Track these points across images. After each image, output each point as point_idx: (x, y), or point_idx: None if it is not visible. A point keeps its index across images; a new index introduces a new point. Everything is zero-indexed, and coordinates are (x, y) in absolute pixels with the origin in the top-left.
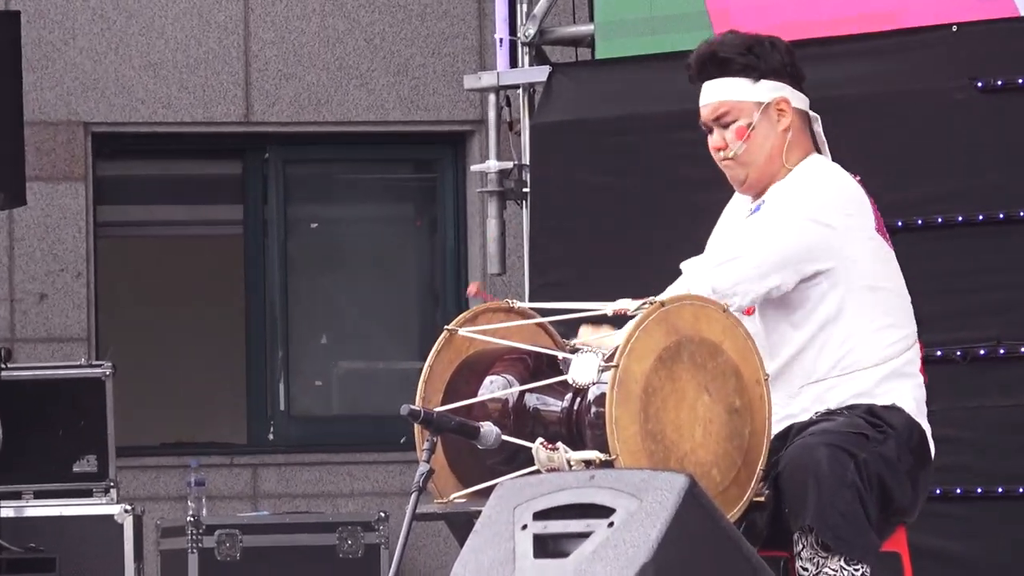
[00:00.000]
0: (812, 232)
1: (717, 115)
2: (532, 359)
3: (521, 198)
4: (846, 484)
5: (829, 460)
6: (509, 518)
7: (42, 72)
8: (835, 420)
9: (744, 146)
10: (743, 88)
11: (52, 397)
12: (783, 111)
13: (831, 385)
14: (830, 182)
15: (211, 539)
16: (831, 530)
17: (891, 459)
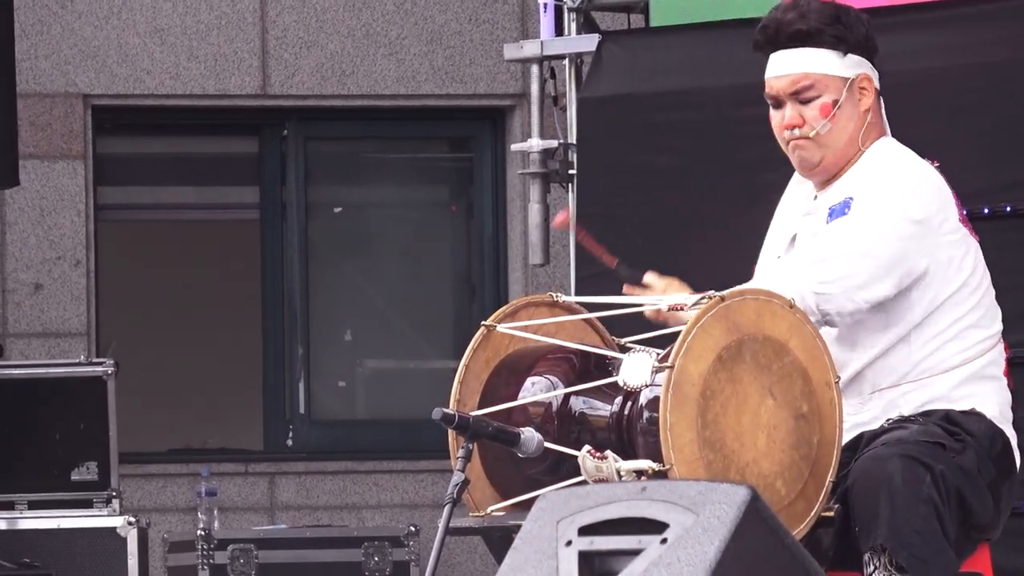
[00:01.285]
0: (912, 234)
1: (797, 88)
2: (578, 359)
3: (566, 180)
4: (922, 499)
5: (903, 473)
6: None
7: (37, 39)
8: (909, 428)
9: (829, 125)
10: (831, 61)
11: (48, 398)
12: (865, 89)
13: (906, 390)
14: (915, 172)
15: (223, 555)
16: (906, 549)
17: (971, 470)
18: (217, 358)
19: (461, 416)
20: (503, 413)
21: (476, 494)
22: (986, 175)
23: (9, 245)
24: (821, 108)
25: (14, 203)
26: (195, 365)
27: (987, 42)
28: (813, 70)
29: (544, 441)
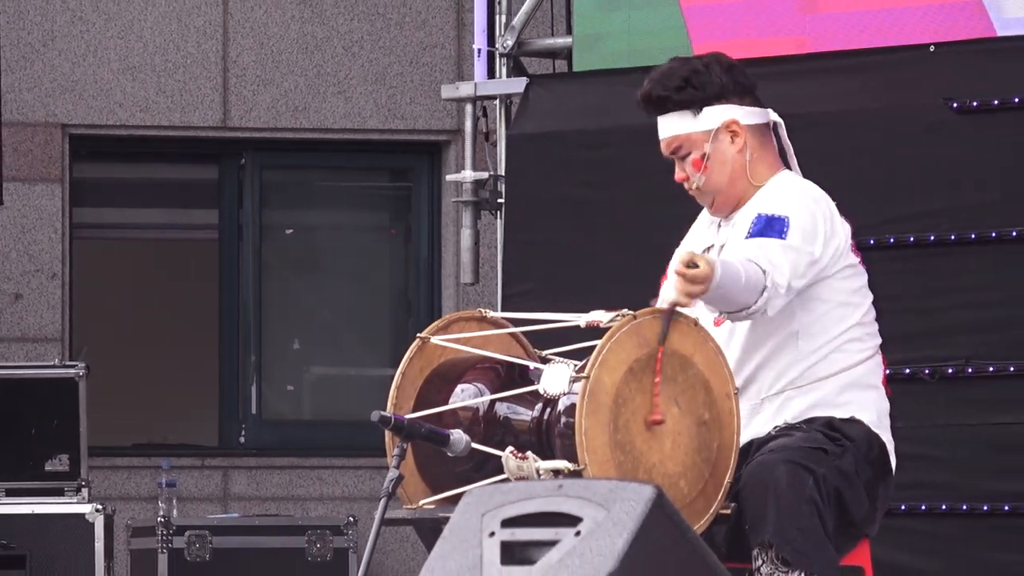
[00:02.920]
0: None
1: (672, 149)
2: (504, 368)
3: (495, 209)
4: (805, 500)
5: (788, 476)
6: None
7: (21, 73)
8: (793, 435)
9: (704, 177)
10: (687, 122)
11: (25, 397)
12: (735, 132)
13: (792, 396)
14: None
15: (181, 540)
16: (790, 545)
17: (849, 473)
18: (178, 363)
19: (397, 418)
20: (435, 416)
21: (409, 489)
22: (872, 209)
23: None
24: (693, 163)
25: None
26: (158, 369)
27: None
28: (676, 132)
29: (471, 442)
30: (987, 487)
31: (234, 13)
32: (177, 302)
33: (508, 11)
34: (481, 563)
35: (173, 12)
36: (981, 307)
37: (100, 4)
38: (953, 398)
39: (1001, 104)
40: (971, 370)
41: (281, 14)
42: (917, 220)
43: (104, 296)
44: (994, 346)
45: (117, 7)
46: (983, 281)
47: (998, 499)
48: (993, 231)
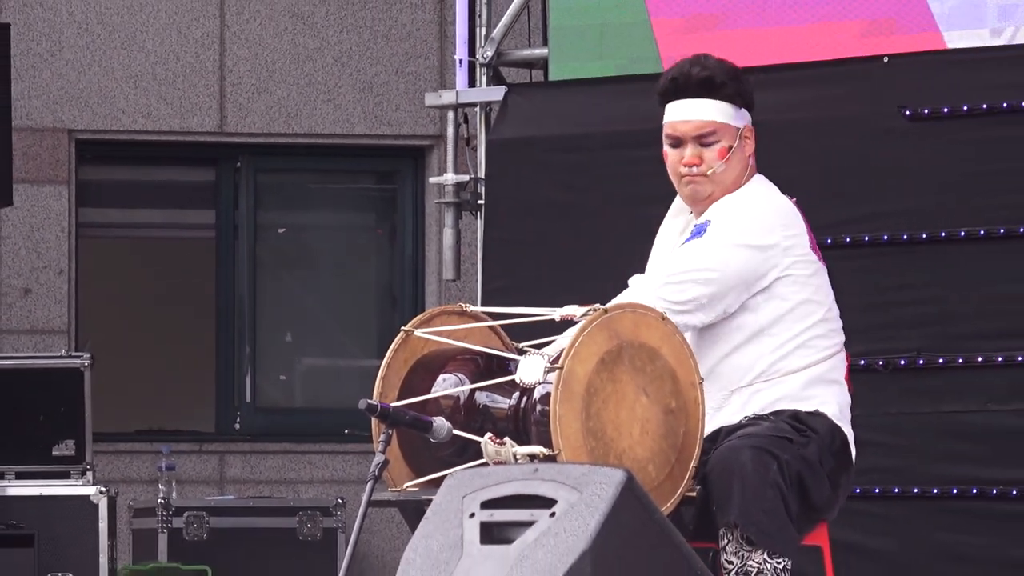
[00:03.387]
0: (753, 256)
1: (701, 133)
2: (483, 359)
3: (476, 209)
4: (769, 484)
5: (754, 461)
6: (458, 507)
7: (30, 82)
8: (761, 425)
9: (724, 166)
10: (730, 112)
11: (34, 385)
12: (748, 138)
13: (759, 388)
14: (769, 205)
15: (180, 520)
16: (755, 525)
17: (812, 461)
18: (177, 354)
19: (383, 406)
20: (418, 405)
21: (394, 472)
22: (829, 210)
23: (3, 255)
24: (719, 151)
25: (8, 220)
26: (158, 359)
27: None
28: (716, 118)
29: (452, 429)
30: (936, 472)
31: (230, 25)
32: (176, 297)
33: (488, 23)
34: (462, 542)
35: (173, 24)
36: (931, 303)
37: (104, 16)
38: (905, 388)
39: (951, 112)
40: (922, 362)
41: (275, 26)
42: (871, 221)
43: (108, 291)
44: (943, 339)
45: (120, 19)
46: (933, 278)
47: (947, 483)
48: (943, 231)
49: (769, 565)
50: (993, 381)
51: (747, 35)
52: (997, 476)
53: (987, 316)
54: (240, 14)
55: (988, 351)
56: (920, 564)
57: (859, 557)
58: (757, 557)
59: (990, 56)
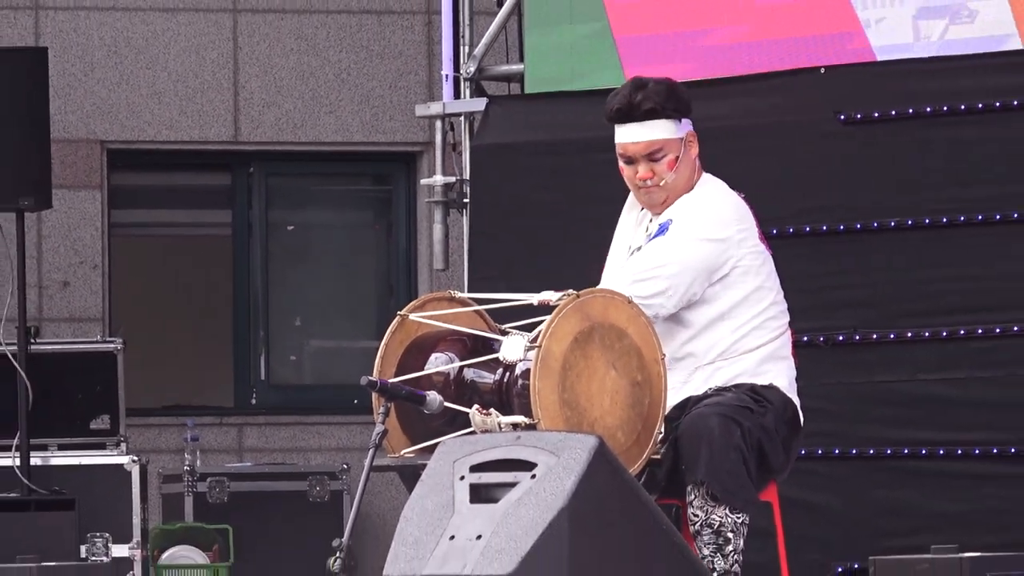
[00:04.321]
0: (712, 248)
1: (650, 151)
2: (470, 340)
3: (461, 208)
4: (732, 447)
5: (720, 427)
6: (450, 470)
7: (66, 99)
8: (725, 396)
9: (674, 175)
10: (671, 128)
11: (73, 368)
12: (692, 143)
13: (720, 366)
14: (724, 202)
15: (204, 485)
16: (719, 484)
17: (770, 428)
18: (199, 337)
19: (382, 382)
20: (413, 380)
21: (393, 441)
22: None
23: (45, 252)
24: (668, 163)
25: (48, 221)
26: (183, 343)
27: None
28: (661, 136)
29: (444, 402)
30: (872, 434)
31: (243, 47)
32: (198, 288)
33: (470, 43)
34: (454, 502)
35: (192, 46)
36: (866, 286)
37: (131, 40)
38: (843, 361)
39: (880, 116)
40: (858, 338)
41: (282, 47)
42: (812, 214)
43: (137, 283)
44: (876, 318)
45: (145, 43)
46: (867, 263)
47: (881, 444)
48: (875, 221)
49: (730, 519)
50: (920, 354)
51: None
52: (926, 438)
53: (914, 297)
54: (251, 37)
55: (916, 327)
56: (858, 517)
57: (804, 511)
58: (720, 512)
59: (914, 67)
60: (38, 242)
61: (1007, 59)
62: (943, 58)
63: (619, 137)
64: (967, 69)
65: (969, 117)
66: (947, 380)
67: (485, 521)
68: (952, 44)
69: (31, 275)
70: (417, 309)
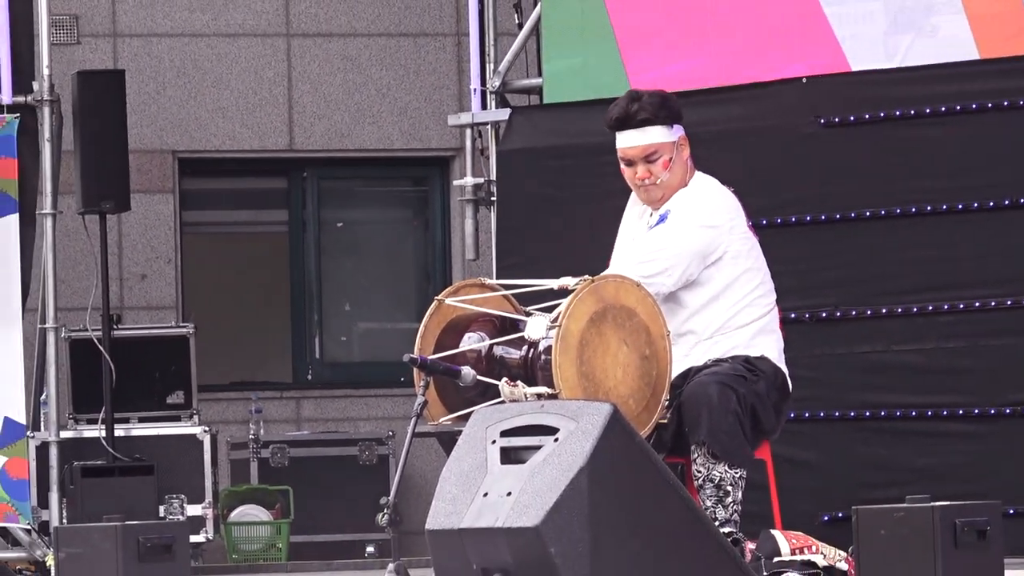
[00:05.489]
0: (706, 234)
1: (647, 154)
2: (499, 321)
3: (490, 205)
4: (730, 411)
5: (718, 394)
6: (483, 435)
7: (141, 114)
8: (722, 366)
9: (667, 175)
10: (664, 133)
11: (151, 350)
12: (683, 145)
13: (717, 340)
14: (716, 195)
15: (267, 451)
16: (719, 444)
17: (762, 394)
18: (261, 321)
19: (422, 359)
20: (449, 357)
21: (432, 410)
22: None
23: (125, 249)
24: (663, 164)
25: (127, 221)
26: (247, 326)
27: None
28: (655, 141)
29: (476, 375)
30: (853, 399)
31: (296, 67)
32: (259, 278)
33: (495, 60)
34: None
35: (251, 67)
36: (846, 267)
37: (199, 61)
38: (826, 334)
39: (856, 120)
40: (839, 314)
41: (330, 67)
42: (795, 205)
43: (206, 275)
44: (855, 296)
45: (211, 64)
46: (845, 248)
47: (861, 407)
48: (852, 211)
49: (729, 474)
50: (894, 328)
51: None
52: (900, 401)
53: (888, 277)
54: (303, 58)
55: (890, 304)
56: (842, 472)
57: (794, 467)
58: (720, 468)
59: (884, 76)
60: (119, 240)
61: (965, 68)
62: (909, 68)
63: (619, 143)
64: (930, 77)
65: (931, 119)
66: (917, 350)
67: (514, 479)
68: (917, 55)
69: (113, 269)
70: (452, 294)
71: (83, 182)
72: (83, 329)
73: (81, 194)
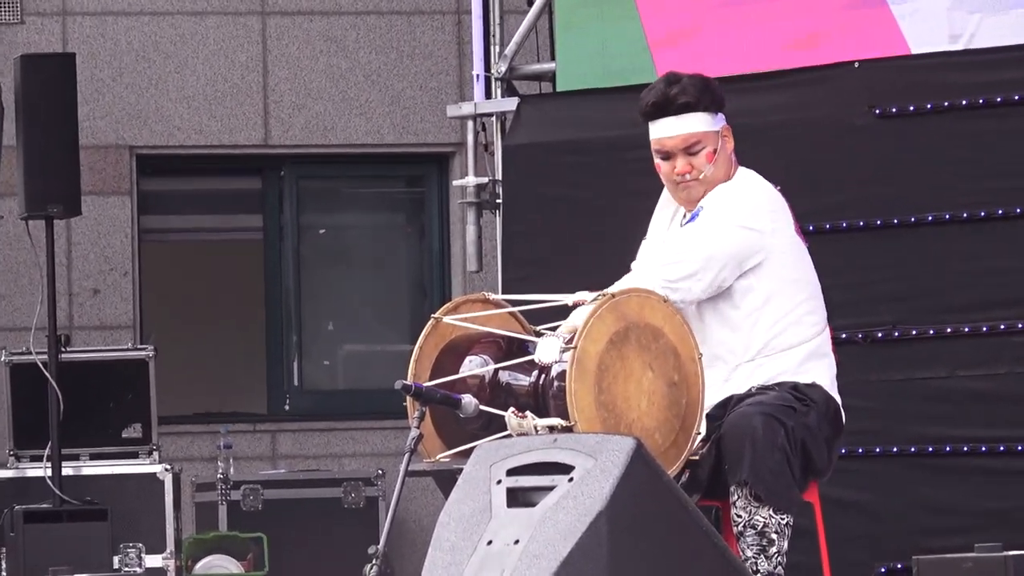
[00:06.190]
0: (744, 236)
1: (688, 144)
2: (505, 342)
3: (495, 208)
4: (777, 447)
5: (764, 427)
6: (486, 474)
7: (94, 104)
8: (768, 394)
9: (712, 168)
10: (708, 121)
11: (105, 376)
12: (727, 136)
13: (760, 363)
14: (757, 191)
15: (238, 493)
16: (763, 484)
17: (813, 428)
18: (231, 343)
19: (416, 386)
20: (448, 384)
21: (428, 445)
22: (811, 200)
23: (75, 260)
24: (707, 156)
25: (78, 228)
26: (215, 349)
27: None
28: (699, 129)
29: (479, 405)
30: (913, 432)
31: (272, 49)
32: (229, 293)
33: (501, 42)
34: (491, 506)
35: (221, 49)
36: (904, 280)
37: (159, 44)
38: (882, 358)
39: (916, 110)
40: (897, 334)
41: (311, 49)
42: (848, 208)
43: (168, 290)
44: (916, 313)
45: (174, 47)
46: (904, 258)
47: (922, 442)
48: (912, 216)
49: (774, 520)
50: (960, 350)
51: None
52: (966, 435)
53: (953, 291)
54: (280, 39)
55: (955, 323)
56: (898, 514)
57: (845, 510)
58: (764, 512)
59: (950, 60)
60: (68, 249)
61: None
62: (978, 50)
63: (654, 133)
64: (1003, 61)
65: (1004, 110)
66: (987, 376)
67: (523, 526)
68: (987, 36)
69: (61, 283)
70: (451, 311)
71: (27, 182)
72: (26, 352)
73: (25, 196)
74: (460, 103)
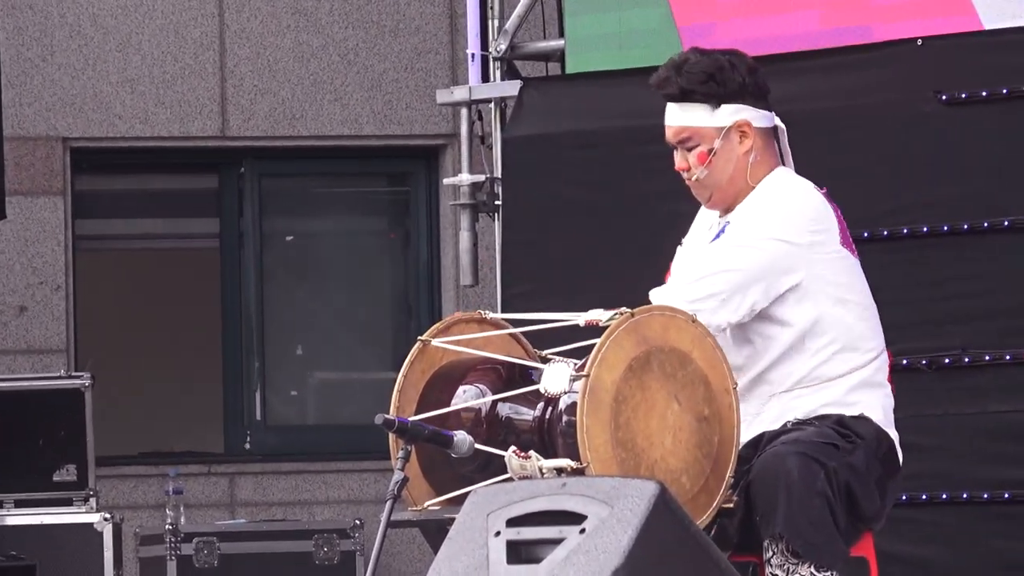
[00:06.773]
0: (776, 250)
1: (680, 138)
2: (504, 369)
3: (493, 211)
4: (816, 492)
5: (800, 469)
6: (483, 525)
7: (21, 88)
8: (806, 430)
9: (706, 171)
10: (703, 115)
11: (32, 408)
12: (745, 133)
13: (800, 394)
14: (794, 199)
15: (189, 546)
16: (801, 537)
17: (859, 468)
18: (182, 371)
19: (400, 421)
20: (438, 418)
21: (414, 491)
22: (865, 202)
23: None
24: (698, 156)
25: (1, 234)
26: (163, 377)
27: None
28: (689, 123)
29: (474, 443)
30: (986, 475)
31: (230, 24)
32: (181, 311)
33: (500, 15)
34: (488, 563)
35: (170, 24)
36: (975, 296)
37: (98, 18)
38: (950, 387)
39: (990, 95)
40: (967, 359)
41: (277, 24)
42: (909, 212)
43: (108, 307)
44: (989, 335)
45: (115, 21)
46: (977, 271)
47: (997, 487)
48: (985, 221)
49: None
50: None
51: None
52: None
53: None
54: (240, 12)
55: None
56: (968, 571)
57: (906, 568)
58: (803, 570)
59: None
60: None
61: None
62: None
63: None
64: None
65: None
66: None
67: None
68: None
69: None
70: (441, 333)
71: None
72: None
73: None
74: (452, 87)
